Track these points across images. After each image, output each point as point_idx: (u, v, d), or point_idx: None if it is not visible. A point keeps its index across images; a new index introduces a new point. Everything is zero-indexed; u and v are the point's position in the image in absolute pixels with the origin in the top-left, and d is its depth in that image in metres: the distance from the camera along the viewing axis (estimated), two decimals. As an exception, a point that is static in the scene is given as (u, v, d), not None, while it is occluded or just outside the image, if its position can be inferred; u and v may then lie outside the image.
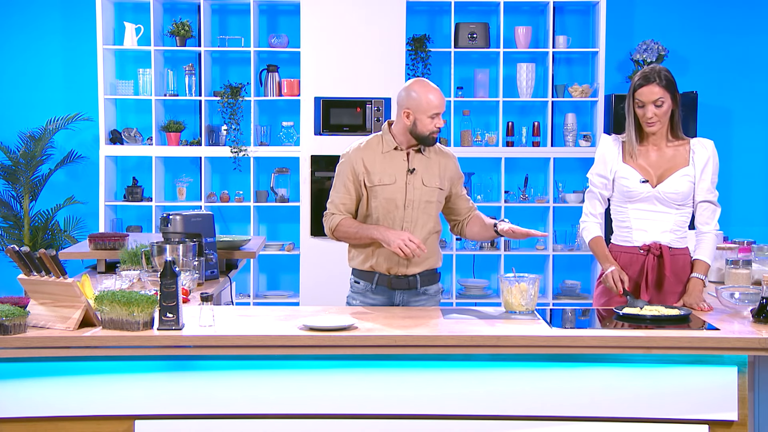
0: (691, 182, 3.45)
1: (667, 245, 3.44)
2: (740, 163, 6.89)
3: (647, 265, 3.44)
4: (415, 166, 3.51)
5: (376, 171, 3.50)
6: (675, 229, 3.46)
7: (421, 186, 3.50)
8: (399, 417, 2.89)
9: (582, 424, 2.88)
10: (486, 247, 6.61)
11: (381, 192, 3.48)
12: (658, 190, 3.43)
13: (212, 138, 6.61)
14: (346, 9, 6.17)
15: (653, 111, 3.39)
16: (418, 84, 3.46)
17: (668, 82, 3.44)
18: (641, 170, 3.46)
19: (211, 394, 2.88)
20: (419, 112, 3.42)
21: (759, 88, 6.85)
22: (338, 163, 3.59)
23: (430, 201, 3.53)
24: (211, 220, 4.14)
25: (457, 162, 3.65)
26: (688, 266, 3.47)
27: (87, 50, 6.60)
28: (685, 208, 3.48)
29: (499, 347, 2.84)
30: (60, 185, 6.80)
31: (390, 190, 3.48)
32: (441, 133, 6.57)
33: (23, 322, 2.84)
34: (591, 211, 3.58)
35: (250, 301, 6.55)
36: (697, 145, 3.49)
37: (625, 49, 6.74)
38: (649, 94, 3.39)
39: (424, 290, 3.56)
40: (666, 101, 3.41)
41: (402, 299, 3.53)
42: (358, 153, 3.53)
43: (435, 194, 3.54)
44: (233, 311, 3.29)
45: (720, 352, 2.84)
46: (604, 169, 3.53)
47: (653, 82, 3.40)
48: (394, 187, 3.48)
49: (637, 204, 3.48)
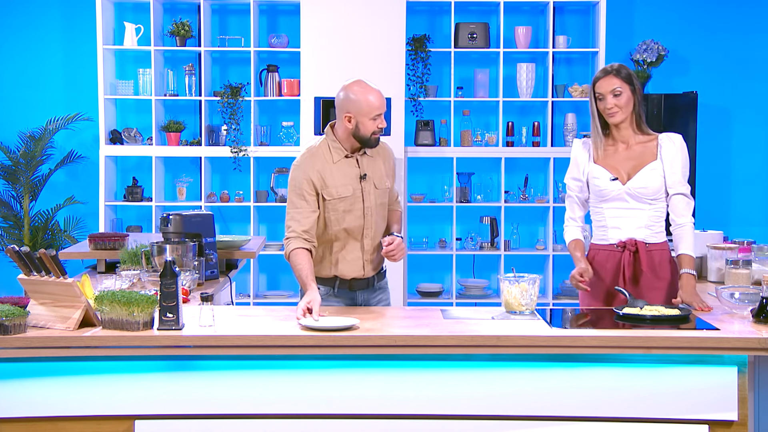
0: (660, 176, 3.50)
1: (642, 241, 3.49)
2: (740, 163, 6.89)
3: (623, 261, 3.50)
4: (366, 171, 3.46)
5: (332, 183, 3.41)
6: (650, 224, 3.51)
7: (374, 190, 3.48)
8: (399, 417, 2.89)
9: (582, 424, 2.88)
10: (486, 246, 6.61)
11: (339, 205, 3.42)
12: (629, 187, 3.49)
13: (212, 138, 6.61)
14: (346, 9, 6.17)
15: (613, 101, 3.48)
16: (356, 85, 3.39)
17: (627, 74, 3.53)
18: (611, 169, 3.53)
19: (211, 394, 2.88)
20: (360, 115, 3.36)
21: (759, 88, 6.85)
22: (290, 179, 3.46)
23: (383, 202, 3.54)
24: (211, 220, 4.14)
25: (391, 153, 3.61)
26: (666, 261, 3.52)
27: (87, 50, 6.60)
28: (659, 203, 3.52)
29: (499, 347, 2.84)
30: (60, 185, 6.80)
31: (348, 201, 3.43)
32: (441, 132, 6.63)
33: (23, 322, 2.84)
34: (571, 216, 3.66)
35: (250, 301, 6.54)
36: (664, 140, 3.55)
37: (625, 49, 6.73)
38: (607, 85, 3.48)
39: (379, 284, 3.60)
40: (624, 92, 3.49)
41: (363, 298, 3.56)
42: (311, 165, 3.41)
43: (386, 194, 3.55)
44: (233, 311, 3.29)
45: (720, 352, 2.83)
46: (577, 172, 3.63)
47: (610, 74, 3.50)
48: (352, 198, 3.43)
49: (611, 202, 3.53)
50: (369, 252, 3.50)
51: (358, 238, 3.48)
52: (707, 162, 6.73)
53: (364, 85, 3.40)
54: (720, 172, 6.87)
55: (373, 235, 3.49)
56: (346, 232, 3.45)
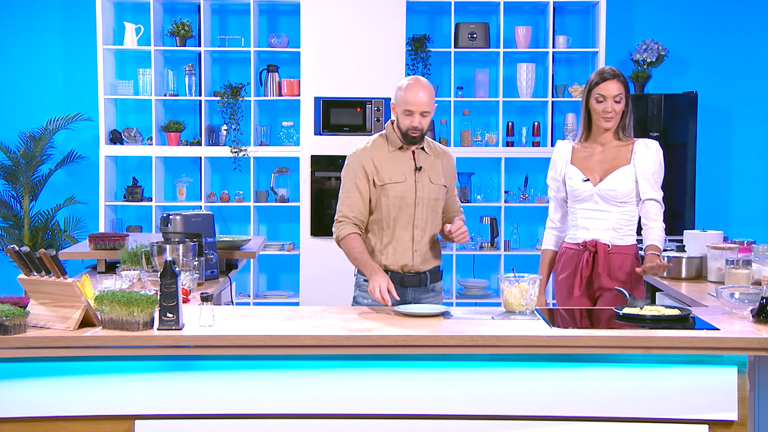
0: (631, 180, 3.55)
1: (606, 243, 3.55)
2: (740, 163, 6.89)
3: (582, 261, 3.57)
4: (422, 165, 3.54)
5: (385, 170, 3.51)
6: (617, 227, 3.56)
7: (429, 184, 3.55)
8: (399, 417, 2.89)
9: (582, 424, 2.87)
10: (486, 246, 6.61)
11: (392, 190, 3.50)
12: (599, 188, 3.56)
13: (212, 138, 6.61)
14: (346, 9, 6.17)
15: (613, 106, 3.52)
16: (405, 80, 3.50)
17: (625, 81, 3.58)
18: (585, 170, 3.60)
19: (211, 394, 2.88)
20: (398, 107, 3.48)
21: (759, 88, 6.85)
22: (345, 166, 3.58)
23: (438, 198, 3.59)
24: (211, 220, 4.14)
25: (454, 161, 3.71)
26: (627, 264, 3.56)
27: (87, 50, 6.60)
28: (628, 206, 3.56)
29: (499, 347, 2.84)
30: (60, 185, 6.80)
31: (400, 188, 3.51)
32: (441, 132, 6.63)
33: (23, 322, 2.84)
34: (551, 216, 3.81)
35: (250, 301, 6.55)
36: (639, 145, 3.58)
37: (625, 49, 6.74)
38: (611, 89, 3.52)
39: (432, 287, 3.61)
40: (623, 98, 3.54)
41: (414, 296, 3.56)
42: (366, 153, 3.54)
43: (441, 192, 3.60)
44: (233, 311, 3.28)
45: (720, 352, 2.83)
46: (555, 172, 3.72)
47: (614, 78, 3.53)
48: (405, 185, 3.51)
49: (583, 203, 3.61)
50: (418, 242, 3.54)
51: (408, 228, 3.53)
52: (707, 162, 6.73)
53: (409, 81, 3.48)
54: (720, 172, 6.87)
55: (423, 227, 3.54)
56: (398, 221, 3.52)
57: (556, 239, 3.77)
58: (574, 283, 3.60)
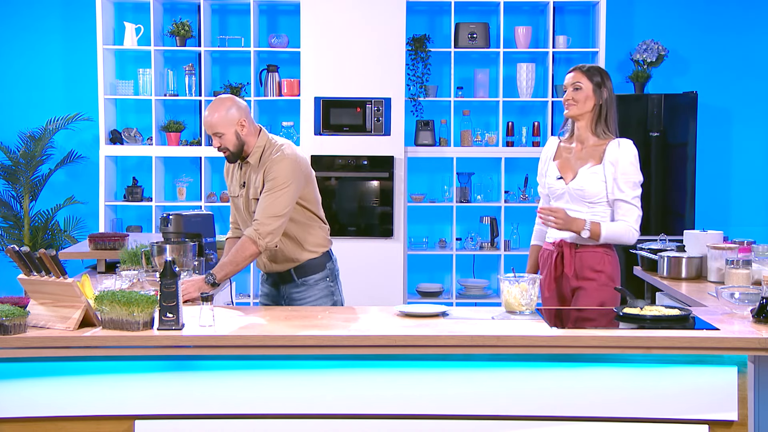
0: (601, 181, 3.54)
1: (574, 242, 3.55)
2: (740, 163, 6.89)
3: (551, 260, 3.60)
4: (246, 180, 3.65)
5: (229, 182, 3.75)
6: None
7: (249, 199, 3.63)
8: (399, 417, 2.89)
9: (582, 424, 2.87)
10: (486, 246, 6.61)
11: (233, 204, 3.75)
12: (570, 187, 3.57)
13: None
14: (346, 9, 6.17)
15: (571, 94, 3.55)
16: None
17: (594, 74, 3.56)
18: (562, 168, 3.61)
19: (211, 394, 2.88)
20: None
21: (759, 88, 6.85)
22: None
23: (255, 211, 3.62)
24: (211, 220, 4.14)
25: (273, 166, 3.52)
26: (596, 264, 3.52)
27: (87, 50, 6.60)
28: (598, 207, 3.54)
29: (499, 347, 2.84)
30: (60, 185, 6.80)
31: (237, 202, 3.70)
32: (441, 132, 6.63)
33: (23, 322, 2.84)
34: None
35: (250, 301, 6.55)
36: (612, 144, 3.56)
37: (625, 49, 6.74)
38: (569, 79, 3.58)
39: (303, 281, 3.67)
40: (584, 88, 3.53)
41: (285, 291, 3.70)
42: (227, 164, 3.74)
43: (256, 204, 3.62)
44: (233, 311, 3.29)
45: (720, 352, 2.83)
46: (540, 169, 3.75)
47: (575, 69, 3.58)
48: (238, 200, 3.69)
49: (558, 201, 3.62)
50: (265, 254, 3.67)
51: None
52: (707, 162, 6.74)
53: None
54: (720, 172, 6.87)
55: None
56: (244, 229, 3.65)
57: (543, 234, 3.78)
58: (543, 284, 3.62)
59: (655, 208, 6.49)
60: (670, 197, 6.51)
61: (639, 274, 4.48)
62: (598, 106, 3.55)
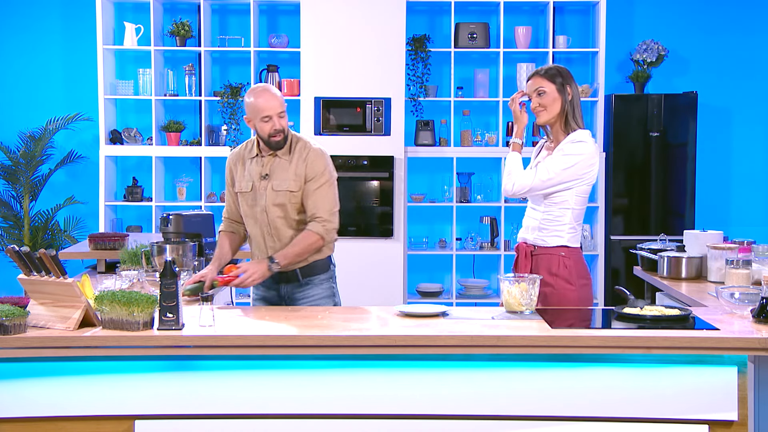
0: None
1: (532, 243, 3.54)
2: (740, 163, 6.89)
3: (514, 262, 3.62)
4: (269, 172, 3.57)
5: (238, 177, 3.63)
6: (542, 226, 3.53)
7: (271, 191, 3.55)
8: (399, 417, 2.89)
9: (582, 424, 2.87)
10: (486, 246, 6.61)
11: (242, 199, 3.62)
12: None
13: (212, 138, 6.61)
14: (346, 9, 6.17)
15: (537, 101, 3.52)
16: (252, 90, 3.54)
17: (553, 74, 3.52)
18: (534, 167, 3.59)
19: (211, 394, 2.88)
20: (254, 118, 3.50)
21: (759, 88, 6.85)
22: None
23: (281, 204, 3.55)
24: (211, 220, 4.14)
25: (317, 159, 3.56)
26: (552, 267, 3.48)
27: (87, 50, 6.60)
28: (554, 208, 3.50)
29: (499, 347, 2.84)
30: (60, 185, 6.80)
31: (249, 197, 3.59)
32: (441, 132, 6.63)
33: (23, 322, 2.84)
34: None
35: (250, 301, 6.53)
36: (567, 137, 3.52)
37: (625, 49, 6.74)
38: (531, 85, 3.54)
39: (308, 280, 3.63)
40: (547, 90, 3.50)
41: (286, 291, 3.64)
42: (232, 156, 3.68)
43: (286, 197, 3.55)
44: (233, 311, 3.29)
45: (720, 352, 2.83)
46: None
47: (535, 75, 3.54)
48: (250, 194, 3.59)
49: (528, 201, 3.64)
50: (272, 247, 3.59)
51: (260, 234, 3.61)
52: (707, 162, 6.74)
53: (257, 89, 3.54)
54: (720, 172, 6.87)
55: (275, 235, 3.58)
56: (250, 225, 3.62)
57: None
58: None
59: (655, 208, 6.50)
60: (670, 197, 6.51)
61: (639, 274, 4.48)
62: (565, 106, 3.52)
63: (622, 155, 6.49)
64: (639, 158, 6.50)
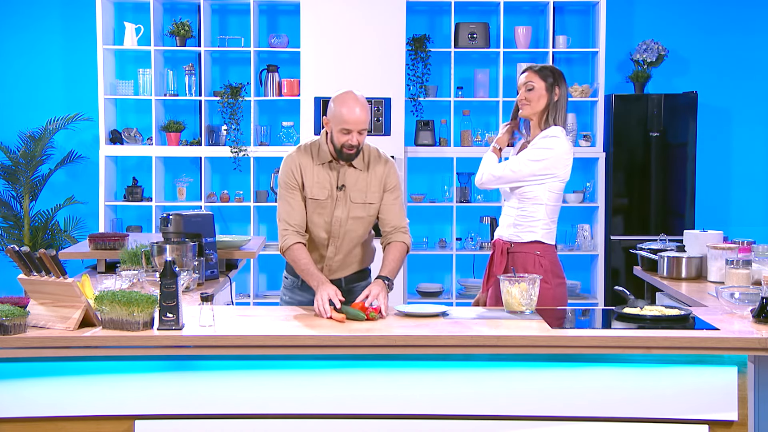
0: None
1: (508, 240, 3.57)
2: (740, 163, 6.89)
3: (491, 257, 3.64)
4: (345, 182, 3.46)
5: (309, 182, 3.45)
6: (517, 223, 3.56)
7: (349, 203, 3.47)
8: (399, 417, 2.89)
9: (582, 424, 2.87)
10: (486, 246, 6.61)
11: (313, 205, 3.46)
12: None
13: (212, 138, 6.61)
14: (346, 9, 6.17)
15: (524, 94, 3.56)
16: (341, 96, 3.37)
17: (546, 73, 3.57)
18: None
19: (211, 394, 2.88)
20: (334, 124, 3.36)
21: (759, 88, 6.85)
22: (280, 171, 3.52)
23: (359, 217, 3.49)
24: (211, 220, 4.14)
25: (392, 170, 3.52)
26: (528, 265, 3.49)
27: (87, 50, 6.60)
28: (528, 204, 3.52)
29: (499, 347, 2.84)
30: (60, 185, 6.80)
31: (322, 205, 3.46)
32: (441, 132, 6.63)
33: (23, 322, 2.84)
34: None
35: (250, 301, 6.54)
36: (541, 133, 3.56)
37: (625, 49, 6.74)
38: (522, 79, 3.59)
39: (351, 288, 3.59)
40: (536, 86, 3.54)
41: None
42: (295, 159, 3.46)
43: (365, 210, 3.50)
44: (233, 311, 3.28)
45: (720, 352, 2.83)
46: None
47: (527, 70, 3.59)
48: (324, 202, 3.46)
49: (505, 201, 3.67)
50: (330, 258, 3.53)
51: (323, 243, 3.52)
52: (707, 162, 6.74)
53: (345, 97, 3.35)
54: (720, 172, 6.87)
55: (339, 245, 3.51)
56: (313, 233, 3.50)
57: None
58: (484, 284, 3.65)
59: (655, 208, 6.50)
60: (670, 197, 6.51)
61: (639, 274, 4.48)
62: (548, 106, 3.56)
63: (622, 155, 6.49)
64: (639, 158, 6.50)
